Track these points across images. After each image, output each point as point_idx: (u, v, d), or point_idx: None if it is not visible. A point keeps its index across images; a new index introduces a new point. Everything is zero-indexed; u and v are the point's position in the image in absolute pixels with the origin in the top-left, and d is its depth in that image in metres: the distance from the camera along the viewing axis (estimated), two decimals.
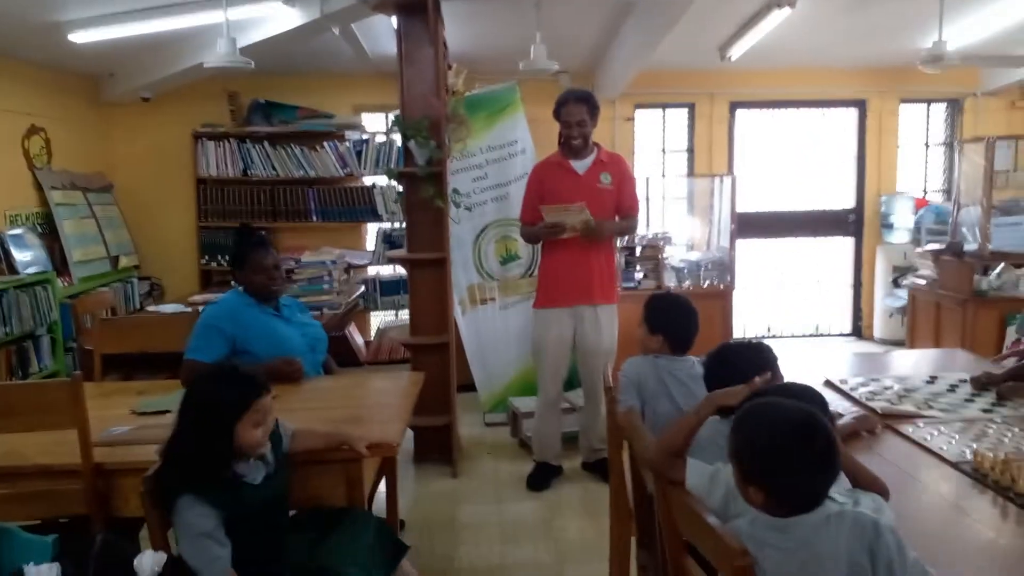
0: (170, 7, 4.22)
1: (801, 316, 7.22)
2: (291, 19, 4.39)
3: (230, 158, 5.69)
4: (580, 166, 3.75)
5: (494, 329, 4.82)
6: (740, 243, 5.77)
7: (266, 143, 5.69)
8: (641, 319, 2.58)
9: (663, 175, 6.81)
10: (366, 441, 2.21)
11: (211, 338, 2.91)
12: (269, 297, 3.09)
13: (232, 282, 3.23)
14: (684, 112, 6.83)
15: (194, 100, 5.78)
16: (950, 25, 5.09)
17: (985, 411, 2.48)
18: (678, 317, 2.52)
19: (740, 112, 6.84)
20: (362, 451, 2.16)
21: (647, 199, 6.49)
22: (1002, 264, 4.69)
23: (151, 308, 5.09)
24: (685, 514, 1.61)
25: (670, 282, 5.38)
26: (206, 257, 5.85)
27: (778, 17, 4.86)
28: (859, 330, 7.11)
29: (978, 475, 1.96)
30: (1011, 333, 4.58)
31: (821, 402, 1.70)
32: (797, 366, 3.27)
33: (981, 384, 2.70)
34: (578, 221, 3.60)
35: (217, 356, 2.84)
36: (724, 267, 5.52)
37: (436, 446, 4.17)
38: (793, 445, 1.40)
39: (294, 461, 2.16)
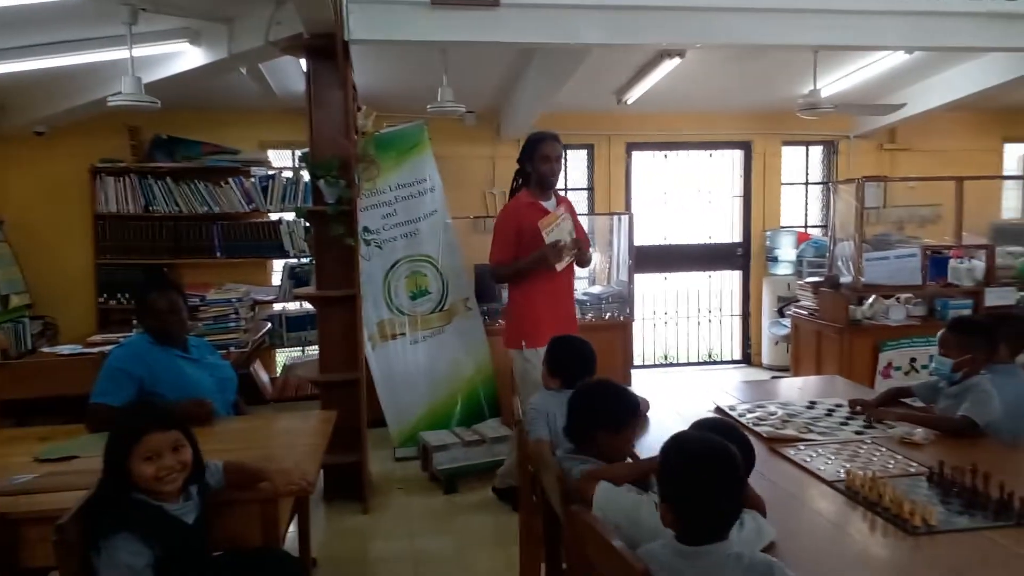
0: (71, 43, 4.15)
1: (695, 345, 7.59)
2: (197, 58, 4.38)
3: (131, 194, 5.56)
4: (549, 205, 3.90)
5: (404, 364, 4.88)
6: (638, 277, 6.04)
7: (169, 179, 5.60)
8: (544, 359, 2.80)
9: None
10: (288, 479, 2.25)
11: (118, 381, 2.87)
12: (168, 340, 3.06)
13: (134, 323, 3.19)
14: (584, 153, 7.13)
15: (92, 135, 5.63)
16: (824, 76, 5.57)
17: (858, 433, 2.74)
18: (574, 363, 2.78)
19: (636, 153, 7.19)
20: (281, 490, 2.21)
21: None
22: (873, 296, 5.11)
23: (45, 349, 4.88)
24: (590, 537, 1.74)
25: None
26: (104, 295, 5.66)
27: (669, 66, 5.20)
28: (748, 357, 7.52)
29: (851, 492, 2.18)
30: (883, 359, 5.00)
31: (743, 440, 1.89)
32: (691, 393, 3.51)
33: (855, 409, 2.98)
34: (566, 235, 3.72)
35: (124, 399, 2.82)
36: (624, 300, 5.76)
37: (346, 483, 4.16)
38: (701, 472, 1.54)
39: (209, 502, 2.17)
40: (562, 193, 4.36)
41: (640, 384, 3.78)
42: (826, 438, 2.68)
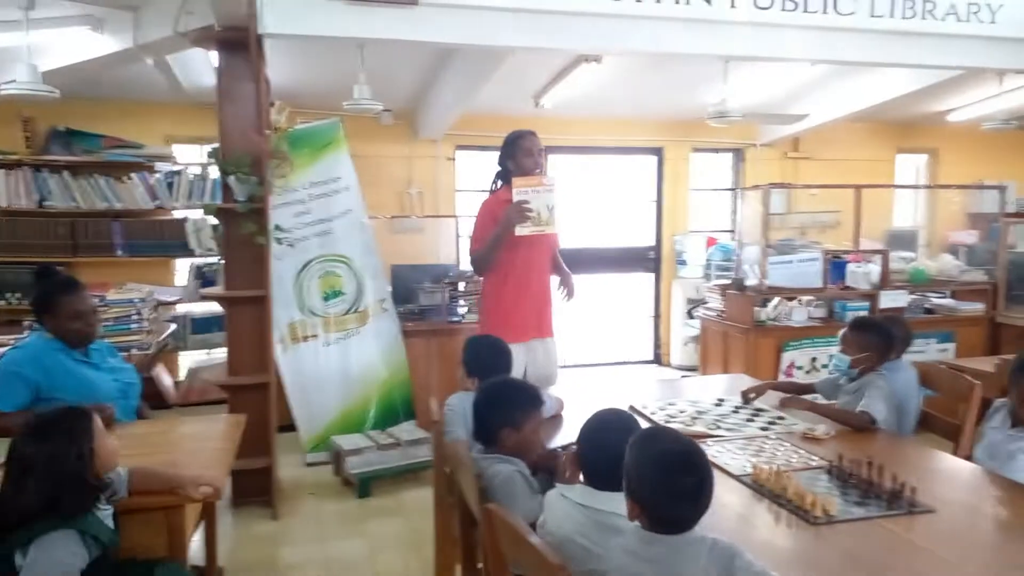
0: None
1: (608, 345, 7.73)
2: (100, 47, 4.19)
3: (23, 188, 5.25)
4: None
5: (316, 366, 4.77)
6: (553, 278, 6.08)
7: (66, 173, 5.31)
8: (461, 359, 2.80)
9: None
10: (200, 484, 2.18)
11: (11, 385, 2.72)
12: (83, 343, 2.93)
13: (31, 325, 3.03)
14: None
15: None
16: (734, 85, 5.76)
17: (763, 429, 2.84)
18: (490, 363, 2.79)
19: (553, 156, 7.25)
20: (194, 495, 2.14)
21: (470, 238, 6.73)
22: (777, 298, 5.32)
23: None
24: (508, 535, 1.74)
25: None
26: None
27: (587, 71, 5.28)
28: (659, 357, 7.72)
29: (757, 485, 2.26)
30: (785, 359, 5.20)
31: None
32: (606, 392, 3.57)
33: (747, 399, 3.16)
34: (543, 206, 3.56)
35: (17, 405, 2.69)
36: None
37: (255, 489, 4.06)
38: (662, 474, 1.56)
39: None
40: None
41: (556, 384, 3.81)
42: (733, 434, 2.77)
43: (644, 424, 2.84)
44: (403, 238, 6.54)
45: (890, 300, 5.35)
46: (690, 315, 6.99)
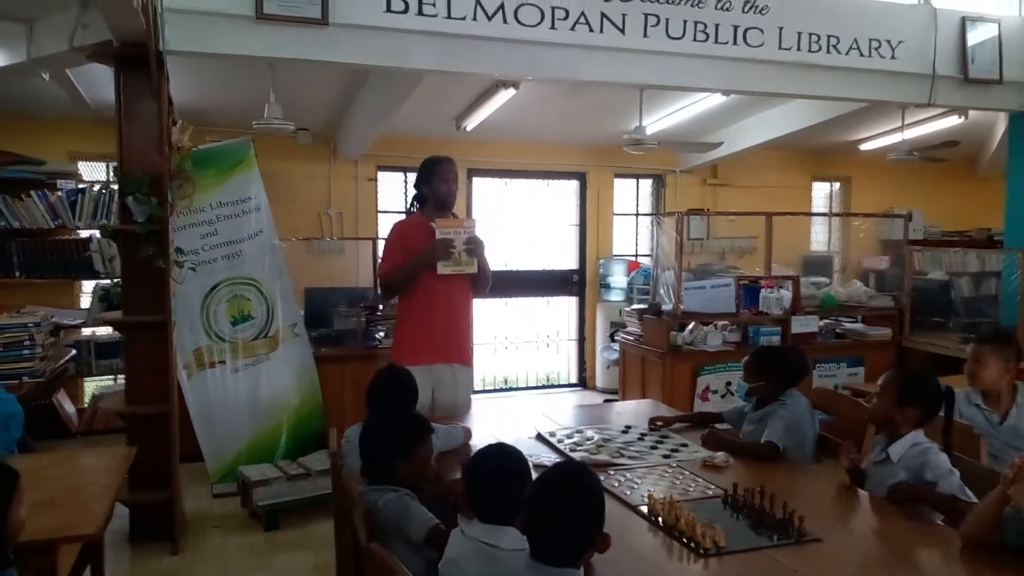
0: None
1: (534, 369, 7.71)
2: None
3: None
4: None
5: (224, 394, 4.60)
6: (478, 302, 6.04)
7: None
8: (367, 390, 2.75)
9: None
10: None
11: None
12: None
13: None
14: None
15: None
16: (650, 113, 5.86)
17: (665, 456, 2.85)
18: (393, 399, 2.75)
19: (476, 179, 7.25)
20: None
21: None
22: (692, 323, 5.38)
23: None
24: (386, 573, 1.68)
25: None
26: None
27: (504, 95, 5.28)
28: (584, 380, 7.73)
29: (652, 516, 2.25)
30: (701, 383, 5.26)
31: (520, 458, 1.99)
32: (518, 419, 3.53)
33: (654, 426, 3.18)
34: (460, 244, 3.54)
35: None
36: None
37: (155, 523, 3.88)
38: (545, 503, 1.65)
39: None
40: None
41: (475, 411, 3.78)
42: (636, 462, 2.76)
43: (550, 452, 2.84)
44: (322, 260, 6.42)
45: (801, 325, 5.46)
46: (612, 338, 7.03)
